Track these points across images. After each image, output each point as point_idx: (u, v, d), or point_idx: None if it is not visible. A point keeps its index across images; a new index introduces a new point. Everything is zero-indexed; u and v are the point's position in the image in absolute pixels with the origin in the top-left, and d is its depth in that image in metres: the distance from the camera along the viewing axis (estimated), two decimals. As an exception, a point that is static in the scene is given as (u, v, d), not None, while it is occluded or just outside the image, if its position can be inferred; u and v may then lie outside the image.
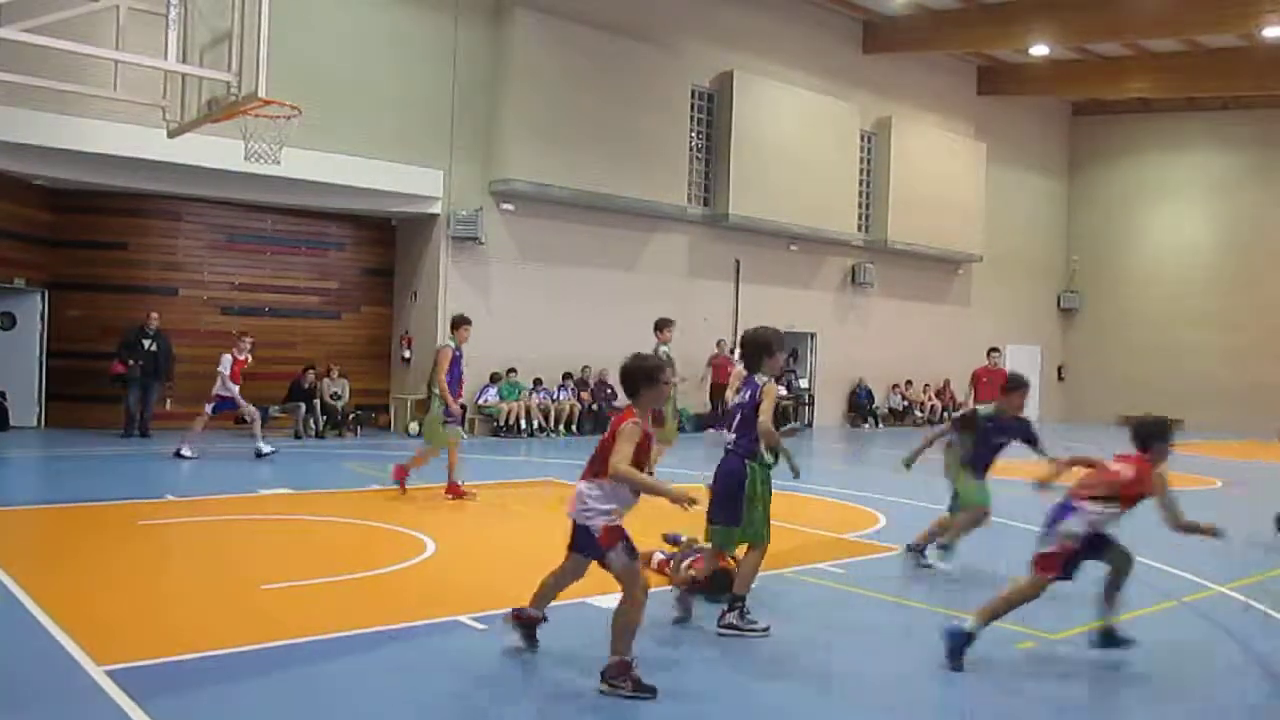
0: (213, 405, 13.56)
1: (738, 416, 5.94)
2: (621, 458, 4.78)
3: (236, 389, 13.53)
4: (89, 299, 16.49)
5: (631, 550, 4.85)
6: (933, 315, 25.78)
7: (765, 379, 5.85)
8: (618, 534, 4.86)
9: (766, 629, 5.81)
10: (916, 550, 7.76)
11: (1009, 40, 23.24)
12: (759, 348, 5.95)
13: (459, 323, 10.53)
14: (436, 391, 10.38)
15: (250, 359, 13.83)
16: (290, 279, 18.06)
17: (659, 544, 7.32)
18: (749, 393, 5.91)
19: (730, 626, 5.79)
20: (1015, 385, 7.47)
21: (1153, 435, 5.40)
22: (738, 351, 7.28)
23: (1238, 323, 26.97)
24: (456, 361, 10.39)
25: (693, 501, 4.83)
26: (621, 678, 4.69)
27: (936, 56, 25.33)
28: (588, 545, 4.94)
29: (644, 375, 5.00)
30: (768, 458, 5.86)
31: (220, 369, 13.46)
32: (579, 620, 5.77)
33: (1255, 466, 18.00)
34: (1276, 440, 15.52)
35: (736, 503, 5.85)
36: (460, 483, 10.44)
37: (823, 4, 22.95)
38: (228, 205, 17.16)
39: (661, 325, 10.91)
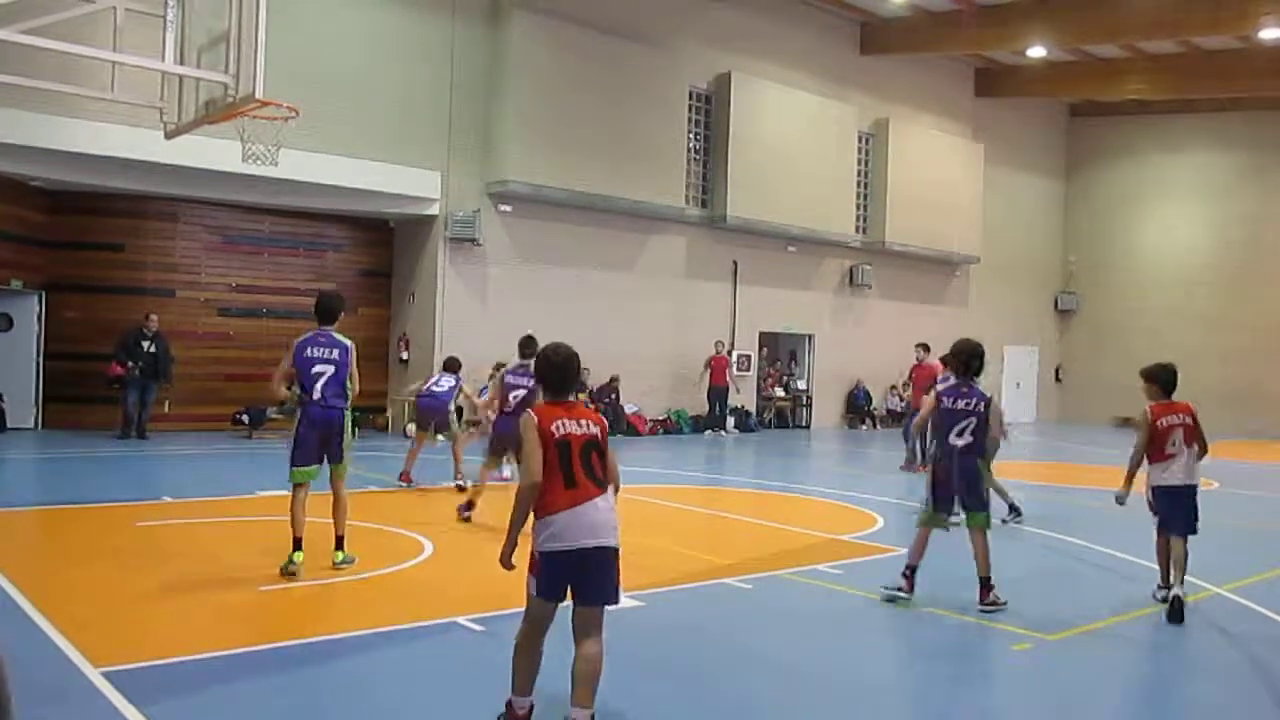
0: None
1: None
2: None
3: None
4: (86, 300, 16.47)
5: None
6: (930, 316, 25.74)
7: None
8: None
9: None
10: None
11: (1006, 42, 23.27)
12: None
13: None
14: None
15: None
16: (288, 280, 18.04)
17: None
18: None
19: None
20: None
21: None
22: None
23: (1235, 323, 26.99)
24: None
25: None
26: None
27: (934, 58, 25.36)
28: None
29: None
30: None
31: None
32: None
33: (1253, 468, 18.01)
34: None
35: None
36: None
37: (820, 5, 22.96)
38: (225, 206, 17.15)
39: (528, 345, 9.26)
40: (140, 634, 5.53)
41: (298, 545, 7.01)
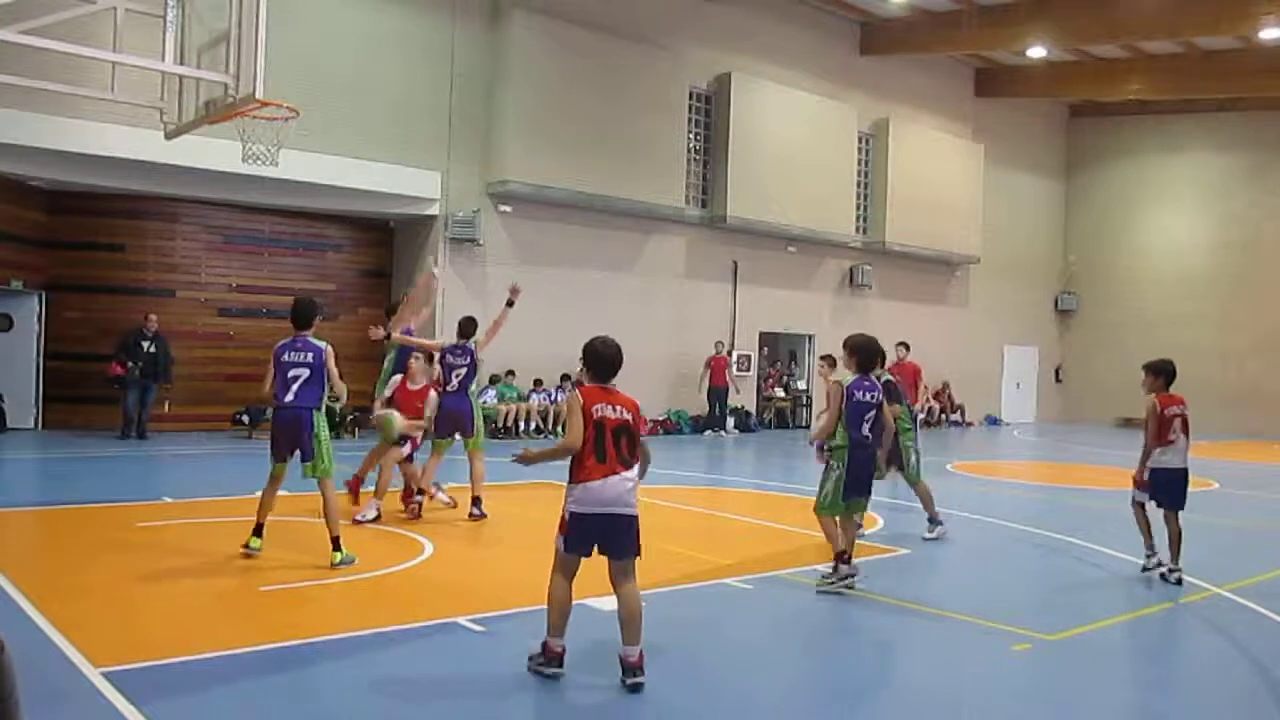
0: None
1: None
2: None
3: None
4: (86, 301, 16.46)
5: None
6: (931, 317, 25.77)
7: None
8: None
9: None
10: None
11: (1006, 42, 23.27)
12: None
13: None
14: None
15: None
16: (288, 280, 18.01)
17: None
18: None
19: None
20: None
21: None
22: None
23: (1235, 324, 26.99)
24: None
25: None
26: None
27: (934, 58, 25.36)
28: None
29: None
30: None
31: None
32: (576, 622, 5.77)
33: (1253, 468, 18.02)
34: None
35: None
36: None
37: (820, 6, 22.96)
38: (225, 207, 17.15)
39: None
40: (140, 634, 5.53)
41: (256, 530, 7.35)
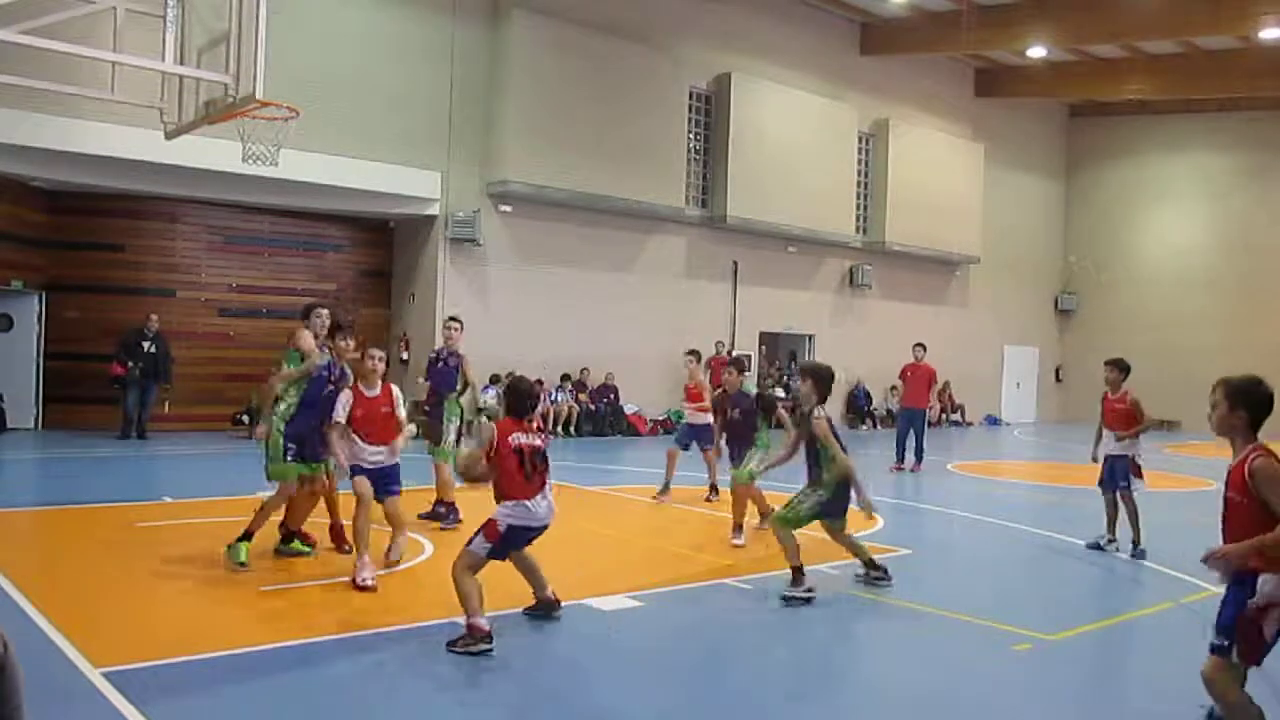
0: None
1: None
2: None
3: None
4: (87, 301, 16.47)
5: None
6: (931, 317, 25.76)
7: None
8: None
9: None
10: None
11: (1006, 42, 23.27)
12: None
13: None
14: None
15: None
16: (288, 280, 18.04)
17: None
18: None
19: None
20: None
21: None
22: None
23: (1235, 323, 26.97)
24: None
25: None
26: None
27: (934, 58, 25.36)
28: None
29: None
30: None
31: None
32: (579, 622, 5.77)
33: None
34: None
35: None
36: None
37: (820, 6, 22.96)
38: (225, 207, 17.15)
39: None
40: (140, 634, 5.53)
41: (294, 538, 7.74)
